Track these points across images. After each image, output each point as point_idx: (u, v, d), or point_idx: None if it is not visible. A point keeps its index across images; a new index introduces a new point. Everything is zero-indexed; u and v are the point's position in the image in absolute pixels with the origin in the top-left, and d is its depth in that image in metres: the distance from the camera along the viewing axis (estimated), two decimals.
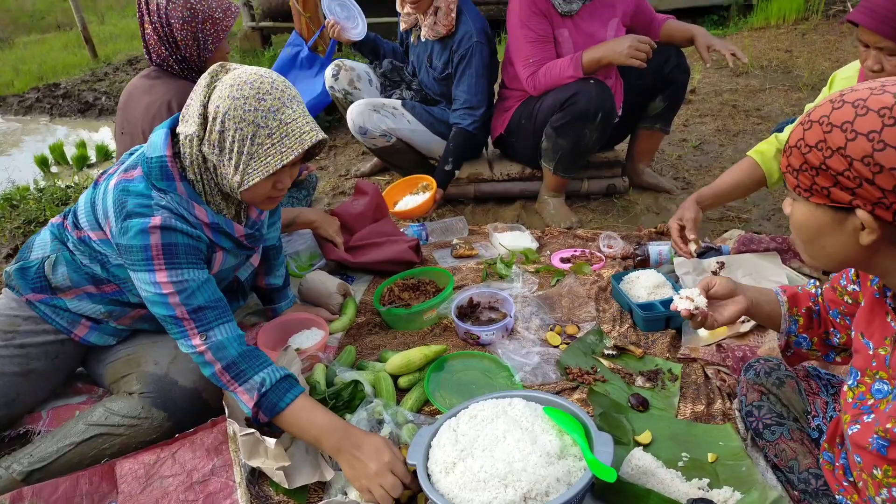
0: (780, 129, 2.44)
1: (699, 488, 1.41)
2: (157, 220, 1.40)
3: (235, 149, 1.41)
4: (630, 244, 2.51)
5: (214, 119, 1.40)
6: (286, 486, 1.41)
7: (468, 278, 2.34)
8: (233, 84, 1.40)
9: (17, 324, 1.64)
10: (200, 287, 1.46)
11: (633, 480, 1.40)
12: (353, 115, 2.81)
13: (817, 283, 1.39)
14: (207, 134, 1.42)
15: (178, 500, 1.40)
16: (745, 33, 5.87)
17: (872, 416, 0.98)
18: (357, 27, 3.01)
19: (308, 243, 2.48)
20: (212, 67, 1.46)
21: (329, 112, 3.85)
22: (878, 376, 1.02)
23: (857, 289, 1.21)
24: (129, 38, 9.90)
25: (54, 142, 4.57)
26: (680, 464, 1.51)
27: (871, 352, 1.04)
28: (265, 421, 1.44)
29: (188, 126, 1.45)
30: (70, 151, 4.45)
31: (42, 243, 1.67)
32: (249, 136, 1.40)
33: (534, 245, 2.52)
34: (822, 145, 0.88)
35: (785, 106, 4.08)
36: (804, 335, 1.38)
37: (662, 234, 2.64)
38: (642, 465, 1.42)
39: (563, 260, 2.44)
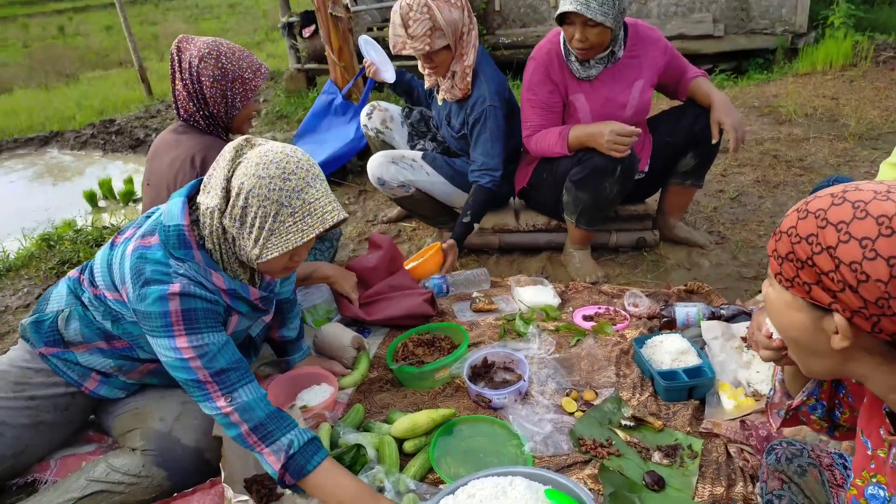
0: (822, 187, 2.33)
1: None
2: (176, 287, 1.42)
3: (257, 224, 1.43)
4: (657, 303, 2.42)
5: (238, 195, 1.42)
6: None
7: (485, 334, 2.29)
8: (259, 162, 1.42)
9: (29, 376, 1.66)
10: (221, 350, 1.46)
11: None
12: (373, 166, 2.84)
13: None
14: (230, 208, 1.44)
15: None
16: (789, 79, 5.73)
17: None
18: (389, 71, 3.07)
19: (325, 296, 2.47)
20: (237, 141, 1.47)
21: (361, 157, 3.91)
22: (874, 479, 0.94)
23: None
24: None
25: (104, 177, 4.76)
26: None
27: (869, 452, 0.96)
28: (291, 483, 1.43)
29: (210, 198, 1.46)
30: (118, 186, 4.62)
31: (58, 296, 1.70)
32: (272, 214, 1.41)
33: (556, 301, 2.46)
34: (812, 239, 0.84)
35: (829, 157, 3.93)
36: (823, 401, 1.29)
37: (692, 293, 2.55)
38: None
39: (585, 318, 2.37)
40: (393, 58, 3.26)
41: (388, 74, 3.08)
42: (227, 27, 19.04)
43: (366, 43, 3.11)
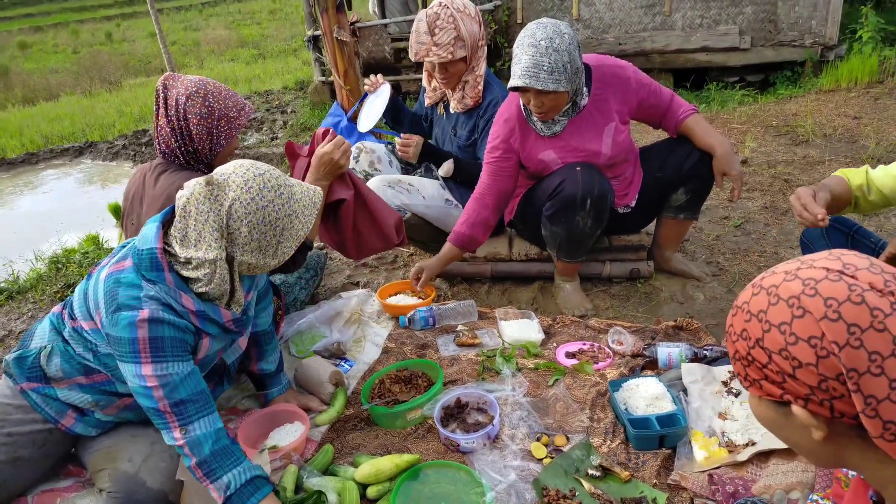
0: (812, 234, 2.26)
1: None
2: (145, 314, 1.48)
3: (273, 242, 1.59)
4: (643, 339, 2.39)
5: (250, 233, 1.55)
6: None
7: (465, 371, 2.29)
8: (249, 201, 1.53)
9: (8, 412, 1.73)
10: (184, 381, 1.52)
11: None
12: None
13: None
14: (244, 245, 1.56)
15: None
16: (811, 96, 5.57)
17: None
18: (368, 120, 3.14)
19: (311, 323, 2.51)
20: (197, 189, 1.53)
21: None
22: None
23: None
24: (220, 81, 10.61)
25: None
26: None
27: None
28: None
29: (206, 252, 1.52)
30: None
31: (42, 332, 1.77)
32: (282, 229, 1.59)
33: (539, 337, 2.44)
34: (745, 334, 0.84)
35: None
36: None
37: (681, 329, 2.50)
38: None
39: (568, 354, 2.35)
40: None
41: (364, 124, 3.12)
42: (266, 33, 19.38)
43: (377, 93, 3.14)
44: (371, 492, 1.75)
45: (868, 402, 0.72)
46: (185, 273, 1.56)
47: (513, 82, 2.25)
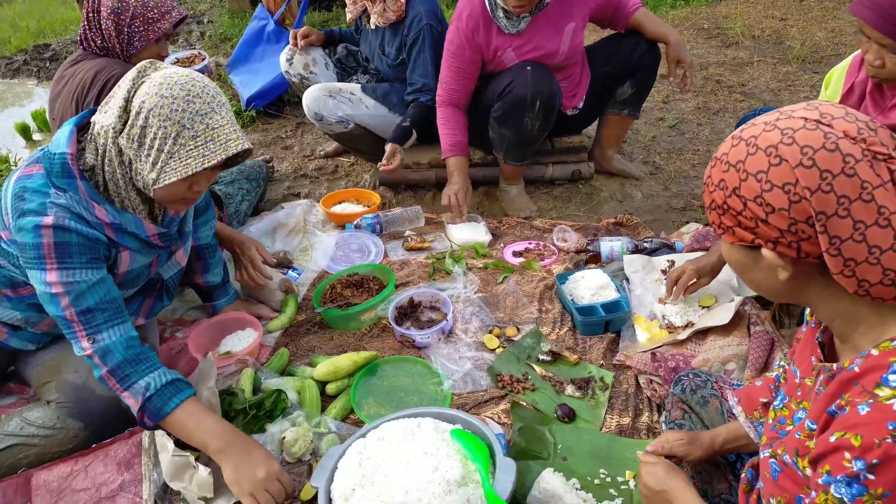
0: (749, 118, 2.34)
1: None
2: (49, 220, 1.39)
3: (156, 146, 1.40)
4: (586, 237, 2.45)
5: (138, 114, 1.39)
6: None
7: (415, 274, 2.30)
8: (163, 82, 1.40)
9: None
10: (91, 288, 1.44)
11: None
12: (308, 100, 2.74)
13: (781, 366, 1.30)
14: (128, 127, 1.41)
15: None
16: None
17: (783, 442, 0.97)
18: None
19: (253, 234, 2.44)
20: (141, 63, 1.45)
21: (296, 91, 3.76)
22: (801, 405, 0.99)
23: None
24: None
25: (38, 108, 4.51)
26: (596, 481, 1.50)
27: (797, 380, 1.02)
28: (151, 426, 1.45)
29: (106, 117, 1.43)
30: None
31: None
32: (172, 136, 1.39)
33: (486, 238, 2.47)
34: (723, 184, 0.87)
35: (771, 81, 3.94)
36: (782, 389, 1.33)
37: (621, 226, 2.59)
38: (550, 488, 1.41)
39: (515, 254, 2.40)
40: None
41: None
42: None
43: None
44: (330, 388, 1.78)
45: (832, 241, 0.78)
46: (87, 159, 1.45)
47: None
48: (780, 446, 0.94)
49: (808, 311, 1.08)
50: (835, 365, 0.88)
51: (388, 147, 2.57)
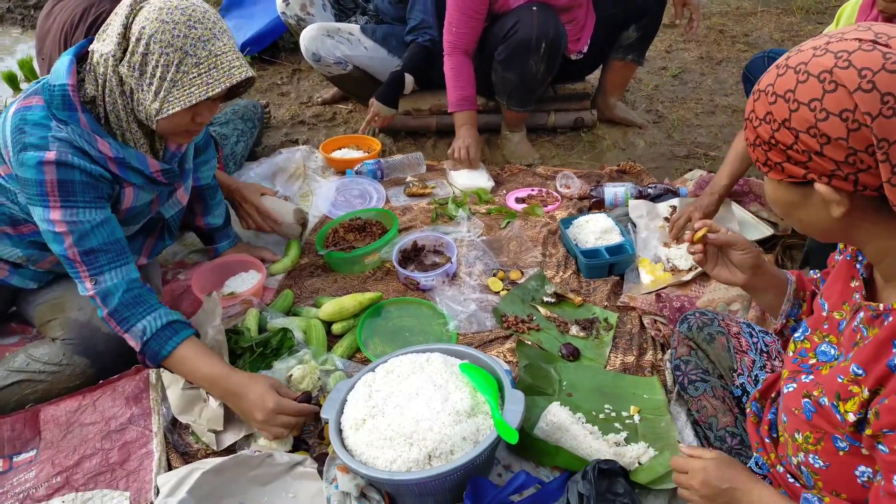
0: (757, 63, 2.32)
1: (615, 443, 1.43)
2: (51, 155, 1.35)
3: (158, 74, 1.36)
4: (589, 183, 2.44)
5: (139, 40, 1.34)
6: (215, 448, 1.42)
7: (418, 219, 2.29)
8: (162, 7, 1.35)
9: None
10: (95, 228, 1.42)
11: (546, 436, 1.41)
12: (306, 40, 2.67)
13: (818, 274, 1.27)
14: (129, 55, 1.36)
15: (94, 448, 1.41)
16: None
17: (812, 377, 0.95)
18: None
19: (252, 179, 2.40)
20: None
21: (293, 33, 3.66)
22: (827, 339, 0.98)
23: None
24: None
25: (25, 56, 4.39)
26: (601, 416, 1.52)
27: (824, 313, 1.00)
28: (152, 367, 1.45)
29: (105, 45, 1.38)
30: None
31: None
32: (175, 63, 1.35)
33: (489, 184, 2.45)
34: (769, 118, 0.81)
35: (774, 32, 3.89)
36: (804, 321, 1.33)
37: (624, 173, 2.57)
38: (557, 420, 1.43)
39: (518, 200, 2.39)
40: None
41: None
42: None
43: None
44: (336, 328, 1.78)
45: (895, 170, 0.73)
46: (87, 90, 1.41)
47: None
48: (815, 388, 0.90)
49: (840, 244, 1.04)
50: (881, 305, 0.85)
51: (372, 106, 2.51)
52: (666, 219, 2.15)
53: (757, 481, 1.03)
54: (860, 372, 0.83)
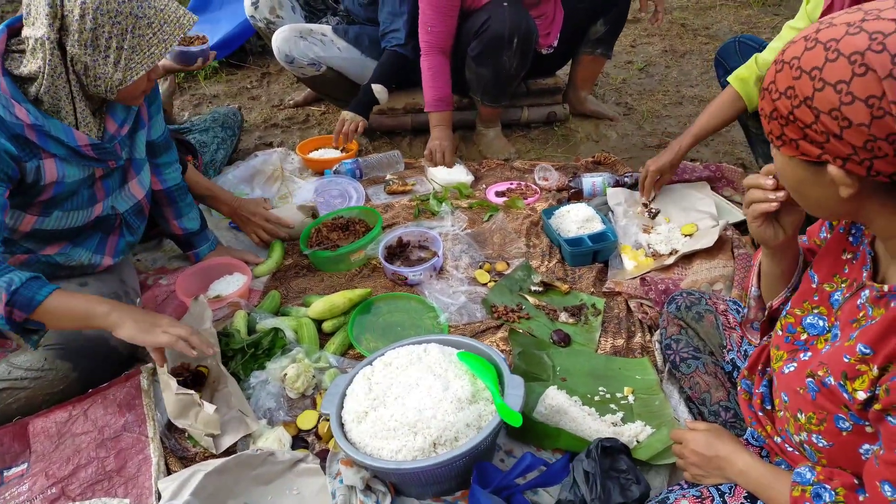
0: (727, 49, 2.37)
1: (612, 423, 1.46)
2: None
3: (114, 45, 1.36)
4: (566, 175, 2.47)
5: (83, 17, 1.32)
6: (215, 452, 1.40)
7: (400, 216, 2.29)
8: None
9: None
10: None
11: (546, 419, 1.43)
12: (279, 41, 2.64)
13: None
14: (76, 34, 1.33)
15: (89, 457, 1.38)
16: None
17: (809, 353, 0.96)
18: None
19: (231, 182, 2.38)
20: None
21: (261, 36, 3.63)
22: (816, 311, 0.98)
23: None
24: None
25: None
26: (596, 398, 1.55)
27: (813, 285, 1.00)
28: (21, 319, 1.33)
29: (36, 28, 1.33)
30: None
31: None
32: (130, 29, 1.36)
33: (469, 179, 2.47)
34: (791, 92, 0.78)
35: (734, 24, 4.00)
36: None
37: (600, 164, 2.62)
38: (556, 403, 1.45)
39: (498, 194, 2.41)
40: None
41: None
42: None
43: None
44: (326, 326, 1.77)
45: None
46: (22, 70, 1.36)
47: None
48: (819, 367, 0.89)
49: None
50: (885, 287, 0.85)
51: (342, 118, 2.54)
52: (644, 205, 2.20)
53: (743, 451, 1.08)
54: (867, 351, 0.82)
